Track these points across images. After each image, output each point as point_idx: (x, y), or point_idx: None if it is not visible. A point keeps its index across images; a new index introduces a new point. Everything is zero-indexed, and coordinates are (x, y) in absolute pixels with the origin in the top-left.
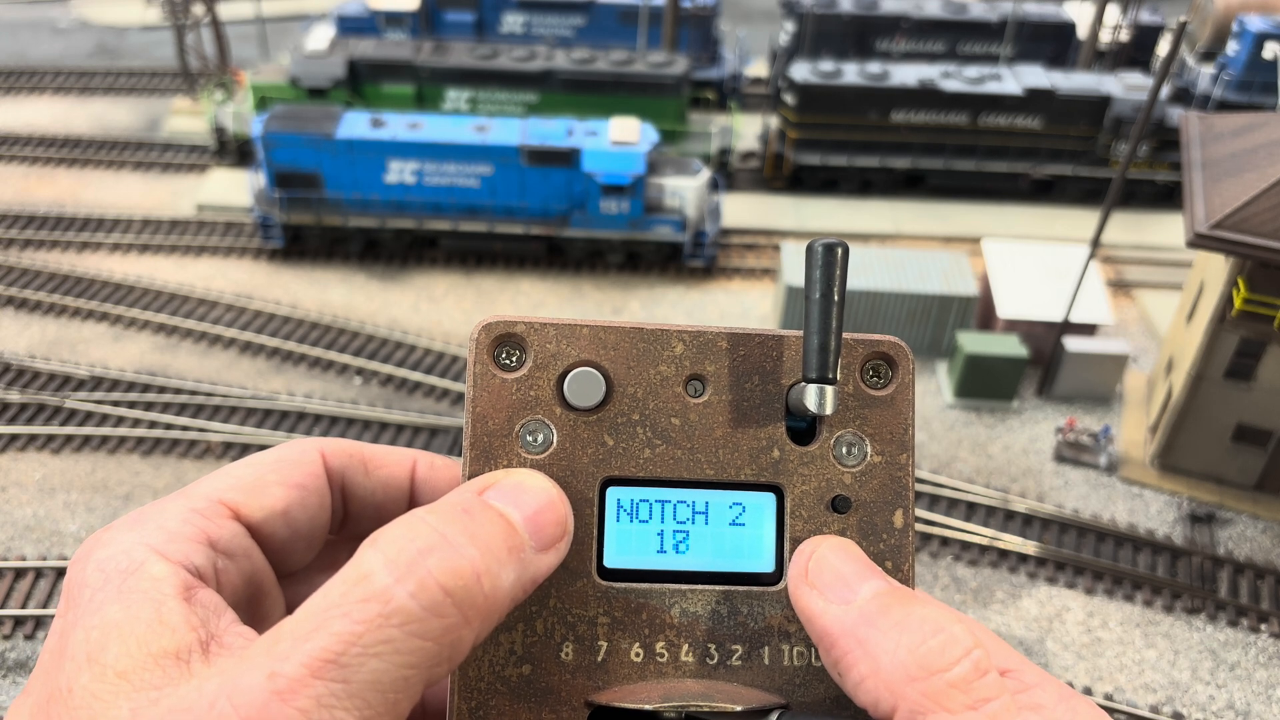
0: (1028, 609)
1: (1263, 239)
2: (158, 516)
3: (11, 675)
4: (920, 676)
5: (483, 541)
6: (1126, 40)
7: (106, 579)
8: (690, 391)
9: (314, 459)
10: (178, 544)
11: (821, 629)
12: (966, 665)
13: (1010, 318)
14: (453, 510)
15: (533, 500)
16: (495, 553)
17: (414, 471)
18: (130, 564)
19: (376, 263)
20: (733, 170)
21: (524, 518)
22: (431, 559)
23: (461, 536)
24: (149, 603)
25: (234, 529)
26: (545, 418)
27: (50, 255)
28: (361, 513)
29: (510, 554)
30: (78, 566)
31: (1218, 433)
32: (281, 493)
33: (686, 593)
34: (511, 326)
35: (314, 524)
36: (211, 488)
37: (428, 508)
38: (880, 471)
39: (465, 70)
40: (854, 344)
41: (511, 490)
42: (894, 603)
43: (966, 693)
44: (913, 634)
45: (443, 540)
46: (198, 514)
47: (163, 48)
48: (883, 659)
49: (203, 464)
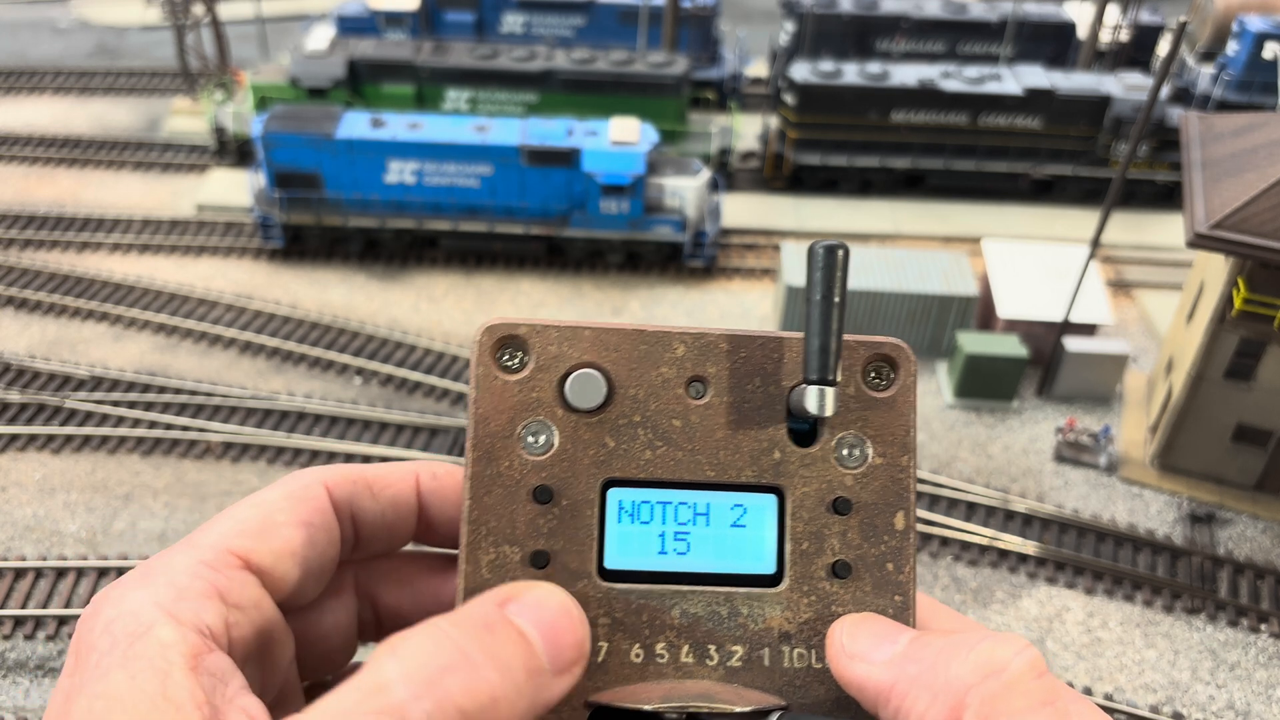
0: (1028, 609)
1: (1263, 239)
2: (167, 571)
3: (11, 675)
4: (977, 682)
5: (502, 663)
6: (1126, 40)
7: (114, 643)
8: (691, 393)
9: (319, 494)
10: (188, 602)
11: (875, 688)
12: (1021, 663)
13: (1010, 318)
14: (475, 626)
15: (552, 620)
16: (513, 676)
17: (418, 485)
18: (138, 627)
19: (376, 263)
20: (733, 170)
21: (543, 638)
22: (452, 679)
23: (482, 656)
24: (155, 674)
25: (244, 579)
26: (547, 419)
27: (50, 255)
28: (372, 536)
29: (528, 678)
30: (86, 626)
31: (1218, 433)
32: (290, 533)
33: (687, 594)
34: (514, 328)
35: (324, 559)
36: (218, 535)
37: (450, 619)
38: (882, 473)
39: (465, 70)
40: (855, 345)
41: (533, 608)
42: (933, 638)
43: (1027, 695)
44: (960, 649)
45: (464, 659)
46: (206, 566)
47: (163, 48)
48: (937, 682)
49: (203, 464)
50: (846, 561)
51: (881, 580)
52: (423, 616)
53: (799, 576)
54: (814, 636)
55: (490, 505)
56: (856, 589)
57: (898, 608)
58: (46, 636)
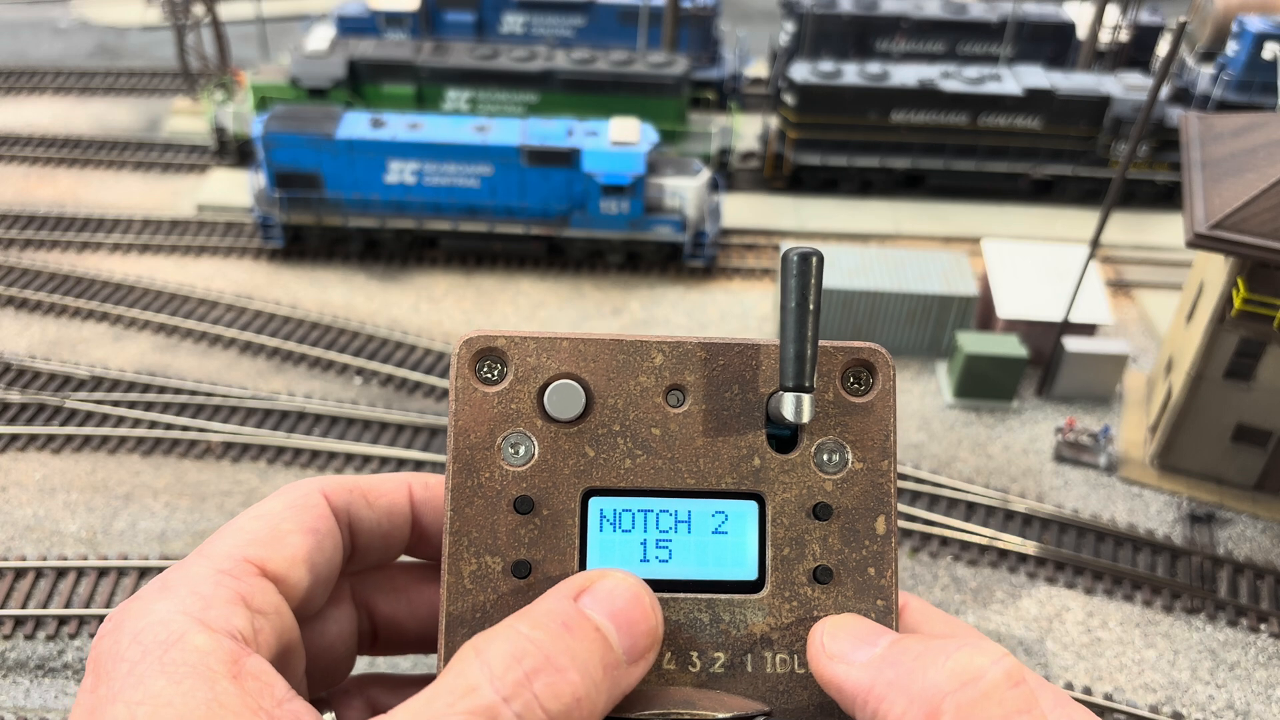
0: (1027, 609)
1: (1262, 239)
2: (187, 582)
3: (12, 675)
4: (953, 689)
5: (582, 663)
6: (1126, 40)
7: (146, 651)
8: (670, 402)
9: (319, 502)
10: (217, 609)
11: (852, 688)
12: (998, 672)
13: (1010, 318)
14: (554, 625)
15: (625, 610)
16: (593, 676)
17: (412, 495)
18: (170, 635)
19: (376, 263)
20: (733, 170)
21: (618, 630)
22: (538, 682)
23: (564, 658)
24: (202, 682)
25: (264, 586)
26: (527, 430)
27: (50, 255)
28: (369, 545)
29: (606, 674)
30: (109, 640)
31: (1217, 433)
32: (299, 540)
33: (669, 601)
34: (492, 341)
35: (331, 566)
36: (231, 545)
37: (529, 620)
38: (862, 478)
39: (465, 70)
40: (834, 351)
41: (606, 599)
42: (913, 642)
43: (1002, 704)
44: (938, 655)
45: (548, 663)
46: (227, 575)
47: (163, 48)
48: (914, 687)
49: (203, 464)
50: (828, 567)
51: (863, 585)
52: (419, 626)
53: (780, 582)
54: (796, 642)
55: (471, 516)
56: (838, 594)
57: (880, 612)
58: (46, 636)
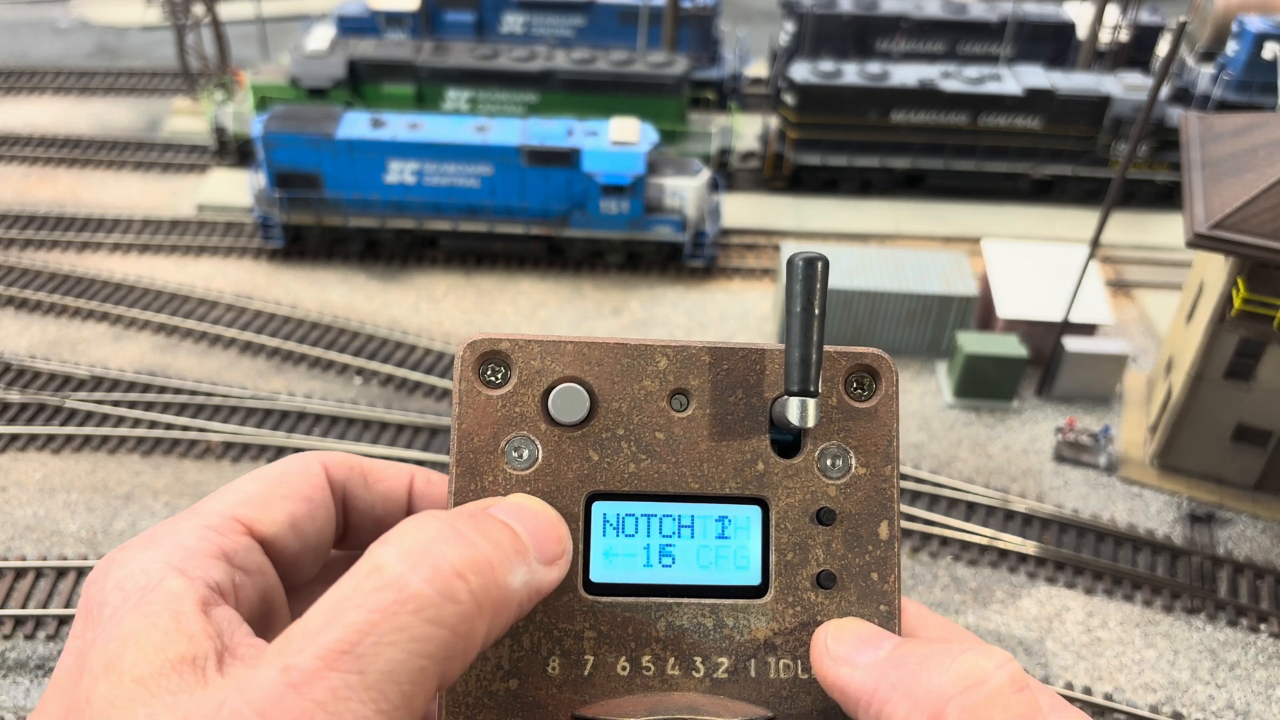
0: (1027, 609)
1: (1262, 239)
2: (173, 535)
3: (12, 675)
4: (957, 693)
5: (493, 539)
6: (1126, 40)
7: (126, 596)
8: (674, 406)
9: (317, 471)
10: (196, 560)
11: (856, 692)
12: (1003, 677)
13: (1010, 318)
14: (460, 513)
15: (533, 518)
16: (505, 550)
17: (412, 486)
18: (149, 581)
19: (376, 263)
20: (733, 170)
21: (526, 530)
22: (445, 546)
23: (473, 532)
24: (167, 612)
25: (248, 544)
26: (530, 434)
27: (50, 255)
28: (361, 525)
29: (518, 555)
30: (95, 586)
31: (1217, 433)
32: (290, 505)
33: (673, 606)
34: (496, 344)
35: (321, 536)
36: (223, 504)
37: (433, 512)
38: (865, 483)
39: (465, 70)
40: (837, 356)
41: (512, 508)
42: (917, 645)
43: (1006, 709)
44: (942, 659)
45: (455, 532)
46: (213, 530)
47: (163, 48)
48: (918, 690)
49: (203, 464)
50: (831, 572)
51: (866, 590)
52: None
53: (784, 587)
54: (799, 647)
55: None
56: (841, 599)
57: (883, 617)
58: (46, 636)
